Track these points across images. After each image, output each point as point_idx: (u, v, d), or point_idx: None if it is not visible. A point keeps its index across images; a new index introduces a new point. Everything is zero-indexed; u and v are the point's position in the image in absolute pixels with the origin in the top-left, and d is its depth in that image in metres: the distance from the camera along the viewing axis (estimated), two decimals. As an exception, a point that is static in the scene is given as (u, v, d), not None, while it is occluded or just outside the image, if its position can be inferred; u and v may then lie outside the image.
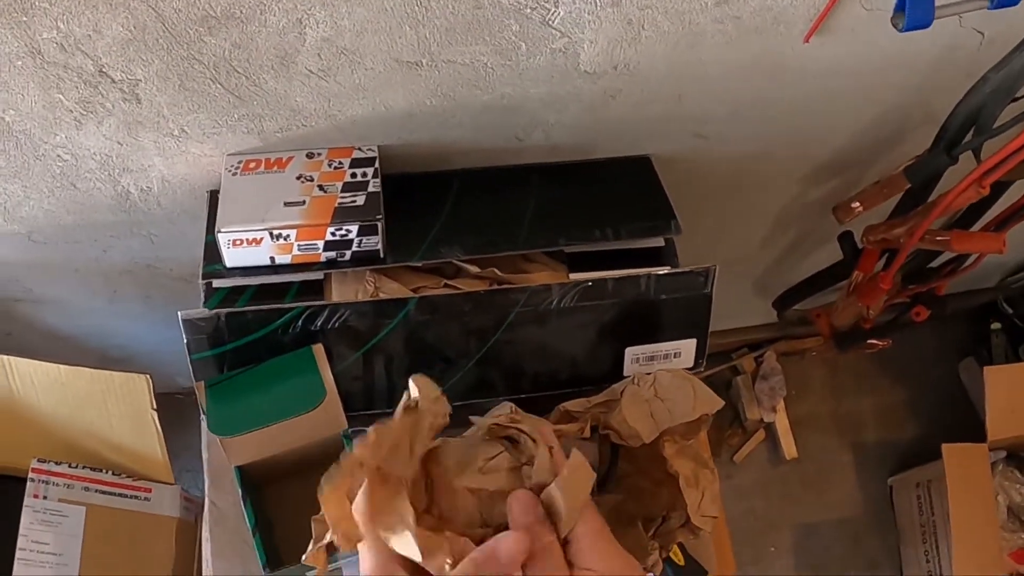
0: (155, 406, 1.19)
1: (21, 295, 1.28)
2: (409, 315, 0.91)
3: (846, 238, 1.41)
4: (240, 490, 0.94)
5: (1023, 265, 2.01)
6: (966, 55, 1.05)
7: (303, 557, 0.86)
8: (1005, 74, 1.00)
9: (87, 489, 1.22)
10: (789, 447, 2.09)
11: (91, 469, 1.23)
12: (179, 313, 0.91)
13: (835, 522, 2.11)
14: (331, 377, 0.90)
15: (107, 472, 1.23)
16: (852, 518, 2.12)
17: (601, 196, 1.05)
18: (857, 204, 1.23)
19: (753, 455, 2.12)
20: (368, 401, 0.96)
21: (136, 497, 1.25)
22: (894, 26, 0.85)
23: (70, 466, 1.21)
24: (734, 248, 1.55)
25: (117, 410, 1.20)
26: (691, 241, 1.05)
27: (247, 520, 0.93)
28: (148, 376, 1.17)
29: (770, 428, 2.12)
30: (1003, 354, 2.13)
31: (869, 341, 1.66)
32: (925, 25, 0.84)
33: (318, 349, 0.90)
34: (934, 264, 1.56)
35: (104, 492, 1.23)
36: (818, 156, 1.26)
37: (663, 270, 0.95)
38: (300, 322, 0.90)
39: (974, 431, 1.77)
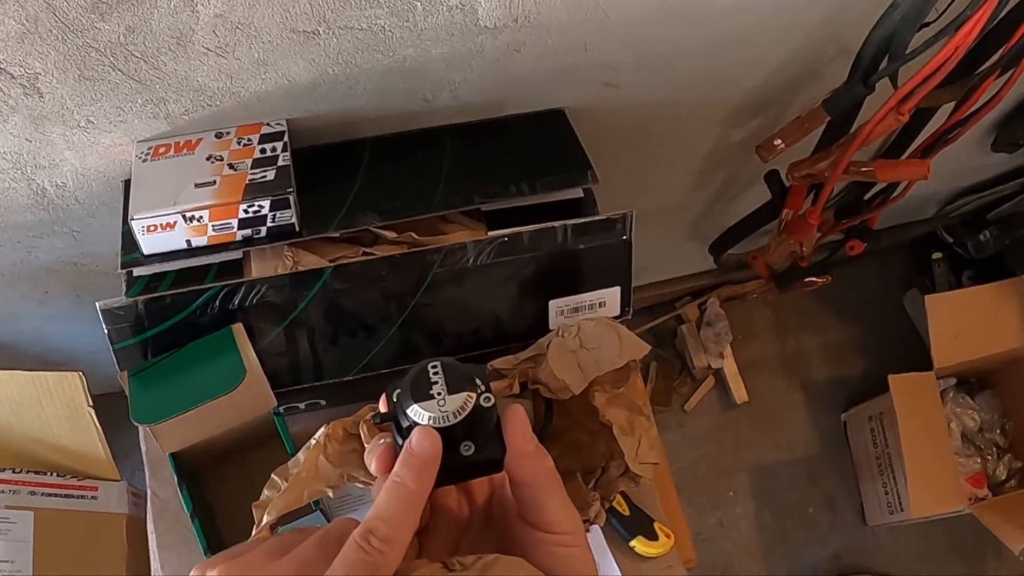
0: (91, 403, 1.18)
1: (-52, 303, 1.27)
2: (326, 285, 0.90)
3: (772, 177, 1.42)
4: (176, 477, 0.94)
5: (959, 194, 2.03)
6: (875, -17, 1.05)
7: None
8: (913, -1, 1.00)
9: (33, 493, 1.20)
10: (739, 391, 2.11)
11: (35, 473, 1.21)
12: (97, 304, 0.89)
13: (791, 462, 2.13)
14: (253, 355, 0.90)
15: (52, 474, 1.22)
16: (807, 457, 2.14)
17: (516, 152, 1.04)
18: (779, 141, 1.23)
19: (704, 402, 2.14)
20: (295, 376, 0.95)
21: (83, 497, 1.24)
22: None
23: (14, 471, 1.19)
24: (663, 195, 1.55)
25: (54, 411, 1.19)
26: (615, 191, 1.05)
27: (184, 507, 0.93)
28: (80, 373, 1.16)
29: (719, 374, 2.14)
30: (946, 283, 2.16)
31: (808, 279, 1.67)
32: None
33: (237, 328, 0.90)
34: (867, 197, 1.58)
35: (50, 495, 1.22)
36: (735, 97, 1.27)
37: (579, 220, 0.95)
38: (217, 302, 0.89)
39: (923, 361, 1.80)
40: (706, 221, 1.74)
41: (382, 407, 0.53)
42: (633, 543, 1.03)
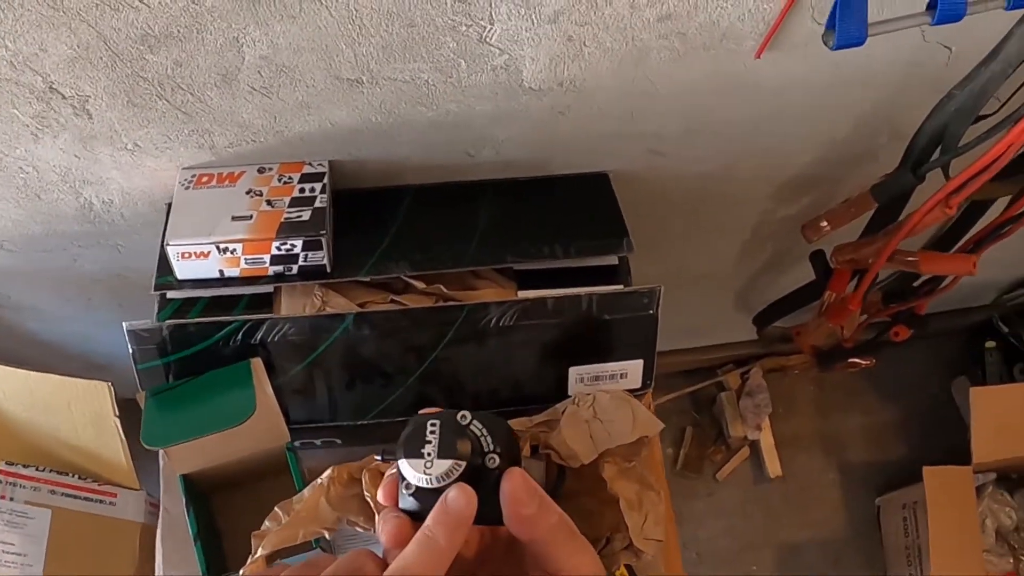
0: (117, 413, 1.19)
1: (1, 301, 1.30)
2: (348, 330, 0.91)
3: (818, 257, 1.40)
4: (184, 498, 0.95)
5: (1018, 283, 1.98)
6: (933, 71, 1.03)
7: (241, 571, 0.87)
8: (969, 91, 0.98)
9: (53, 492, 1.22)
10: (773, 465, 2.07)
11: (57, 472, 1.23)
12: (123, 324, 0.91)
13: (818, 542, 2.08)
14: (268, 391, 0.91)
15: (73, 476, 1.24)
16: (836, 539, 2.09)
17: (554, 213, 1.04)
18: (825, 223, 1.22)
19: (737, 473, 2.11)
20: (310, 414, 0.96)
21: (101, 501, 1.26)
22: (825, 44, 0.84)
23: (37, 469, 1.22)
24: (712, 262, 1.53)
25: (81, 416, 1.21)
26: (662, 253, 1.04)
27: (189, 528, 0.94)
28: (109, 384, 1.17)
29: (755, 446, 2.11)
30: (997, 374, 2.10)
31: (851, 360, 1.64)
32: (858, 43, 0.82)
33: (256, 363, 0.91)
34: (917, 284, 1.55)
35: (70, 495, 1.23)
36: (785, 173, 1.25)
37: (605, 289, 0.94)
38: (240, 335, 0.90)
39: (966, 452, 1.74)
40: (753, 292, 1.71)
41: None
42: (628, 617, 1.02)
